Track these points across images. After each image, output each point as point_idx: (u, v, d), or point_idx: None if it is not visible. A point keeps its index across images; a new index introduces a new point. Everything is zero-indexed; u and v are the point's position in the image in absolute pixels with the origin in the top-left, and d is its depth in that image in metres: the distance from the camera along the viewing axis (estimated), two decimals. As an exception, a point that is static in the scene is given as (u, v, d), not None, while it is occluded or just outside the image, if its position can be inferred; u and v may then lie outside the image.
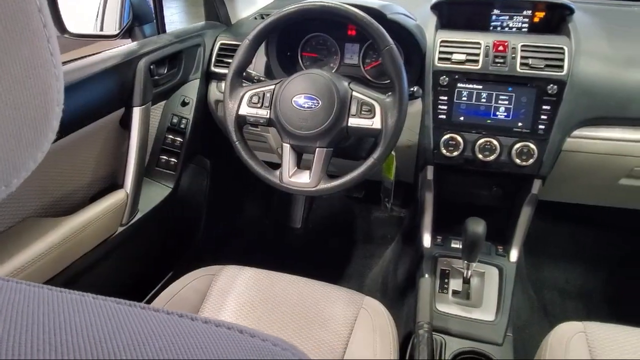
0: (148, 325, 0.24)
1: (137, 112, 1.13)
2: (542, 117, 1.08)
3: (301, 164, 1.07)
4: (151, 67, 1.18)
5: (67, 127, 0.97)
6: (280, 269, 1.02)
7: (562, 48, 1.08)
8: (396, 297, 1.46)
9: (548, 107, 1.08)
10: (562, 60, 1.07)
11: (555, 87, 1.06)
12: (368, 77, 1.28)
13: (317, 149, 1.01)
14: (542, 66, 1.07)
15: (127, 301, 0.27)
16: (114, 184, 1.17)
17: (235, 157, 1.06)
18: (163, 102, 1.29)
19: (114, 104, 1.09)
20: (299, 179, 1.03)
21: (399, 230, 1.77)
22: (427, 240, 1.29)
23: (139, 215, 1.19)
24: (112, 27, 1.23)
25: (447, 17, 1.27)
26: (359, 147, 1.21)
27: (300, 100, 0.99)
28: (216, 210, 1.64)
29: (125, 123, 1.13)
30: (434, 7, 1.25)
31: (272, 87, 1.04)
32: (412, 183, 1.43)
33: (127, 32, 1.25)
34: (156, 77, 1.21)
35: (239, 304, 0.96)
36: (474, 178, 1.26)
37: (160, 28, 1.33)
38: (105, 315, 0.24)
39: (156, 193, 1.28)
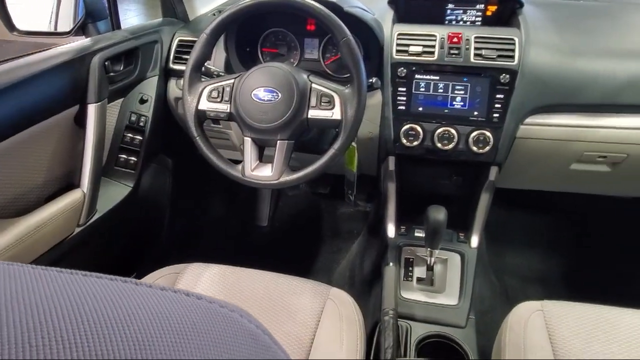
0: (112, 293, 0.24)
1: (92, 110, 1.10)
2: (496, 105, 1.12)
3: (263, 158, 1.08)
4: (106, 63, 1.15)
5: (16, 125, 0.93)
6: (247, 267, 1.02)
7: (512, 39, 1.12)
8: (363, 288, 1.47)
9: (501, 96, 1.11)
10: (512, 50, 1.11)
11: (508, 76, 1.10)
12: (328, 71, 1.29)
13: (278, 141, 1.01)
14: (495, 56, 1.11)
15: (107, 275, 0.26)
16: (71, 184, 1.13)
17: (198, 156, 1.05)
18: (120, 100, 1.26)
19: (67, 101, 1.06)
20: (261, 173, 1.02)
21: (365, 224, 1.79)
22: (391, 230, 1.31)
23: (97, 216, 1.16)
24: (66, 24, 1.20)
25: (404, 11, 1.29)
26: (321, 140, 1.21)
27: (260, 93, 0.99)
28: (180, 210, 1.61)
29: (80, 121, 1.10)
30: (391, 2, 1.28)
31: (232, 81, 1.03)
32: (375, 176, 1.45)
33: (81, 29, 1.22)
34: (112, 74, 1.19)
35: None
36: (434, 168, 1.29)
37: (115, 24, 1.30)
38: (89, 291, 0.24)
39: (115, 192, 1.25)
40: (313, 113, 1.00)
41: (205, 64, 1.19)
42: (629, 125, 1.11)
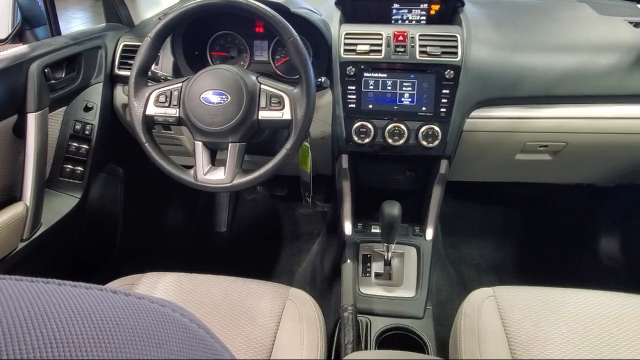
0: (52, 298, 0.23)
1: (32, 119, 1.05)
2: (443, 100, 1.15)
3: (216, 162, 1.06)
4: (46, 70, 1.10)
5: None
6: (208, 274, 1.00)
7: (455, 36, 1.16)
8: (324, 287, 1.48)
9: (447, 91, 1.15)
10: (455, 47, 1.15)
11: (452, 72, 1.13)
12: (279, 72, 1.29)
13: (230, 144, 1.00)
14: (439, 53, 1.14)
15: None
16: (12, 197, 1.08)
17: (150, 164, 1.03)
18: (63, 108, 1.22)
19: (4, 111, 1.01)
20: (214, 176, 1.01)
21: (324, 224, 1.79)
22: (347, 227, 1.32)
23: (42, 229, 1.11)
24: (2, 31, 1.14)
25: (351, 12, 1.32)
26: (274, 141, 1.21)
27: (209, 96, 0.99)
28: (135, 220, 1.56)
29: (19, 131, 1.05)
30: (338, 3, 1.29)
31: (179, 85, 1.02)
32: (331, 175, 1.46)
33: (18, 36, 1.17)
34: (52, 82, 1.14)
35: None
36: (388, 164, 1.31)
37: (55, 30, 1.25)
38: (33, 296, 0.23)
39: (62, 204, 1.20)
40: (263, 114, 1.00)
41: (152, 68, 1.17)
42: (566, 115, 1.17)
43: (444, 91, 1.15)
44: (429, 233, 1.31)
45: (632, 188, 1.45)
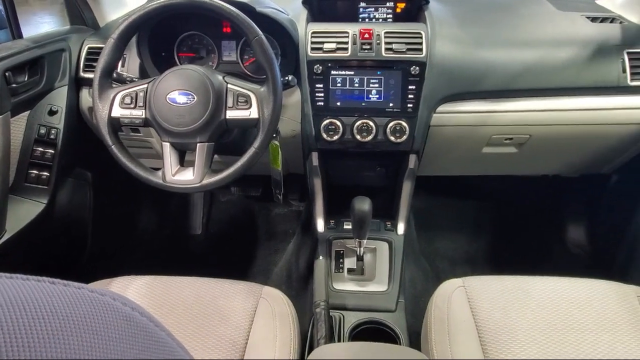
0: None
1: (-8, 124, 1.03)
2: (410, 96, 1.17)
3: (186, 163, 1.06)
4: (7, 74, 1.08)
5: None
6: (184, 276, 1.00)
7: (419, 33, 1.18)
8: (301, 286, 1.49)
9: (413, 87, 1.17)
10: (420, 44, 1.17)
11: (417, 68, 1.15)
12: (248, 72, 1.29)
13: (198, 144, 1.00)
14: (404, 50, 1.16)
15: None
16: (-26, 205, 1.05)
17: (120, 167, 1.02)
18: (27, 113, 1.19)
19: (-36, 116, 0.99)
20: (183, 177, 1.01)
21: (299, 223, 1.80)
22: (320, 225, 1.33)
23: (6, 236, 1.09)
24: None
25: (319, 11, 1.33)
26: (244, 141, 1.21)
27: (175, 96, 0.98)
28: (106, 224, 1.54)
29: (-21, 136, 1.03)
30: (305, 2, 1.30)
31: (145, 86, 1.01)
32: (304, 174, 1.47)
33: (-23, 40, 1.14)
34: (14, 85, 1.11)
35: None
36: (358, 160, 1.33)
37: (16, 33, 1.22)
38: None
39: (27, 211, 1.17)
40: (231, 113, 1.00)
41: (118, 70, 1.16)
42: (529, 108, 1.20)
43: (410, 87, 1.17)
44: (401, 227, 1.33)
45: (596, 178, 1.50)
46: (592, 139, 1.27)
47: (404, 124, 1.17)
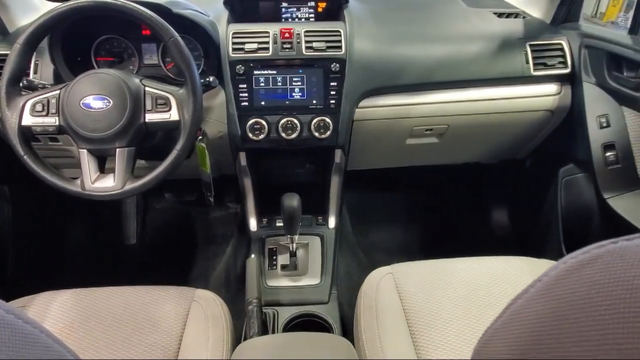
0: None
1: None
2: (332, 92, 1.20)
3: (106, 169, 1.03)
4: None
5: None
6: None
7: (339, 31, 1.22)
8: (239, 287, 1.48)
9: (335, 84, 1.20)
10: (339, 41, 1.20)
11: (338, 65, 1.19)
12: (171, 75, 1.27)
13: (117, 149, 0.98)
14: (324, 48, 1.19)
15: None
16: None
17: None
18: None
19: None
20: (104, 184, 0.99)
21: (236, 225, 1.79)
22: (252, 224, 1.34)
23: None
24: None
25: (241, 12, 1.33)
26: (169, 144, 1.19)
27: (90, 101, 0.96)
28: (30, 239, 1.46)
29: None
30: (226, 3, 1.30)
31: (57, 92, 0.98)
32: (235, 175, 1.47)
33: None
34: None
35: (55, 332, 0.89)
36: (287, 158, 1.35)
37: None
38: None
39: None
40: (150, 117, 0.99)
41: (31, 77, 1.11)
42: (445, 100, 1.27)
43: (331, 84, 1.20)
44: (332, 221, 1.36)
45: (512, 163, 1.61)
46: (503, 126, 1.36)
47: (327, 120, 1.20)
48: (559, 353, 0.25)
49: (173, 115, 0.99)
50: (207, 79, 1.12)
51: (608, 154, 1.20)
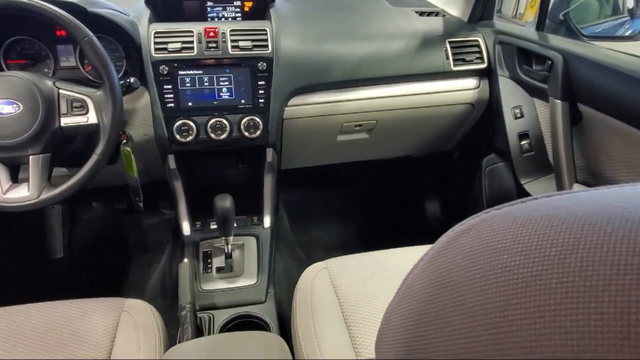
0: None
1: None
2: (260, 91, 1.20)
3: (20, 179, 0.97)
4: None
5: None
6: None
7: (264, 30, 1.21)
8: (175, 294, 1.44)
9: (263, 82, 1.20)
10: (266, 40, 1.20)
11: (265, 64, 1.19)
12: (90, 77, 1.22)
13: (30, 156, 0.93)
14: (251, 47, 1.19)
15: None
16: None
17: None
18: None
19: None
20: (17, 194, 0.93)
21: (171, 231, 1.74)
22: (185, 228, 1.31)
23: None
24: None
25: (165, 12, 1.29)
26: (90, 150, 1.14)
27: None
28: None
29: None
30: (148, 2, 1.26)
31: None
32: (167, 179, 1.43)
33: None
34: None
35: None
36: (218, 159, 1.33)
37: None
38: None
39: None
40: (66, 120, 0.94)
41: None
42: (372, 96, 1.30)
43: (259, 82, 1.19)
44: (267, 221, 1.36)
45: (442, 155, 1.68)
46: (429, 120, 1.41)
47: (257, 119, 1.20)
48: (441, 320, 0.26)
49: (91, 118, 0.95)
50: (128, 80, 1.08)
51: (523, 142, 1.28)
